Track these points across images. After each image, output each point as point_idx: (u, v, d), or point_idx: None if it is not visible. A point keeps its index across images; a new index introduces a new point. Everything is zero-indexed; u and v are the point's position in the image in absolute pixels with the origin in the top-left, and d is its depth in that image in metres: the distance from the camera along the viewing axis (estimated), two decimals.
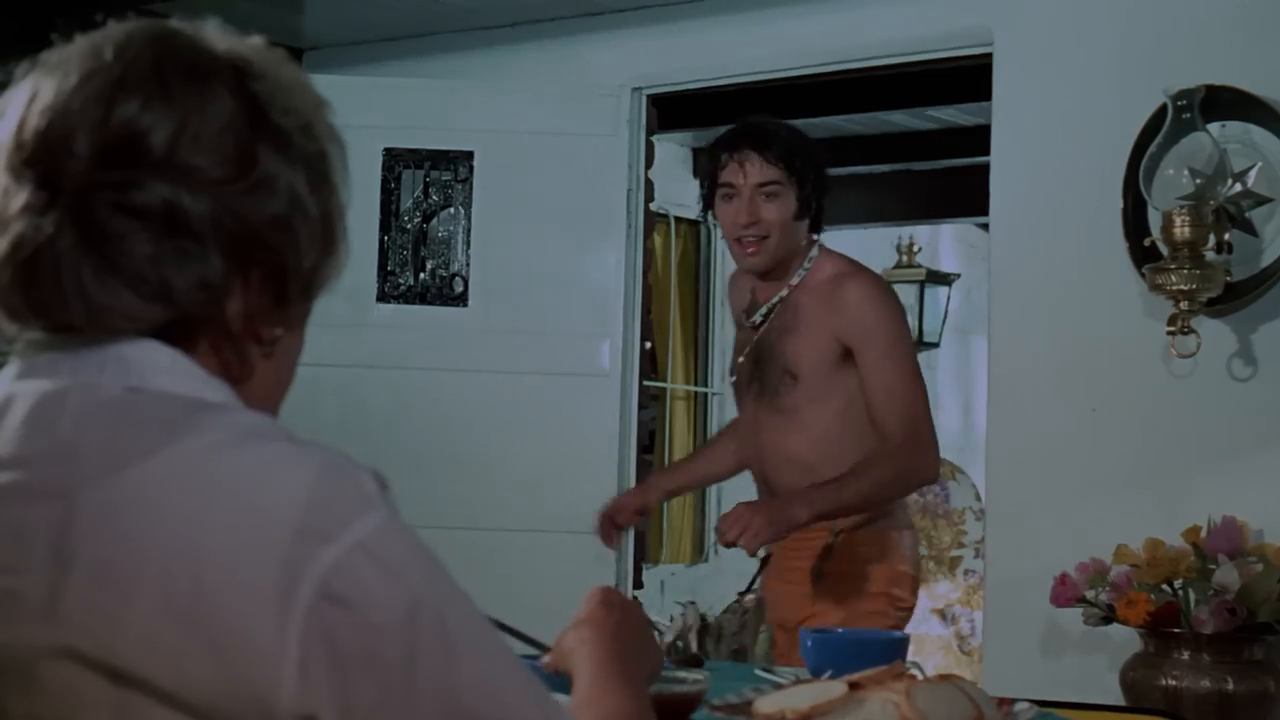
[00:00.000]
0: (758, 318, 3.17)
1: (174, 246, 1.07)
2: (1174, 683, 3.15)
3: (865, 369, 3.00)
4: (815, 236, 3.19)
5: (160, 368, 1.09)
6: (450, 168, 4.18)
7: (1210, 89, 3.36)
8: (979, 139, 4.09)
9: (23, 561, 1.02)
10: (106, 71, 1.09)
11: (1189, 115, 3.35)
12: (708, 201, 3.21)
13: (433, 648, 1.01)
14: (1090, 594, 3.25)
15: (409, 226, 4.19)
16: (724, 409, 6.19)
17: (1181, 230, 3.28)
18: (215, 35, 1.14)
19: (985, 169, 3.83)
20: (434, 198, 4.21)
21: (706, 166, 3.24)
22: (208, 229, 1.07)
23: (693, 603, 2.68)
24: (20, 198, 1.08)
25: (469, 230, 4.19)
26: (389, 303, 4.16)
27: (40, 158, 1.08)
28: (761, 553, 2.97)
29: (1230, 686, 3.13)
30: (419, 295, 4.19)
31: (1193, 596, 3.17)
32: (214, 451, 1.03)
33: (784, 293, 3.14)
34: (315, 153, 1.14)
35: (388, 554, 1.01)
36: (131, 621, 0.99)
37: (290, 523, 0.99)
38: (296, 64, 1.18)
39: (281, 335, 1.15)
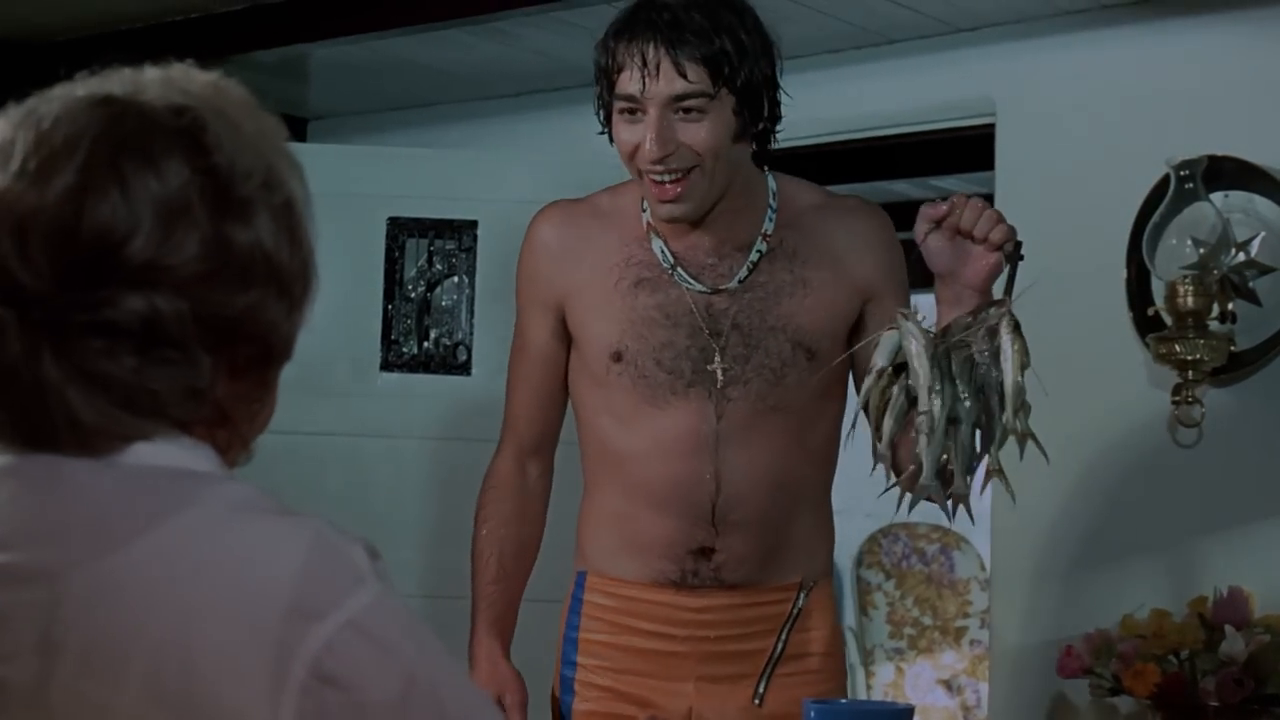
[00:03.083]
0: (738, 276, 2.28)
1: (158, 357, 1.03)
2: None
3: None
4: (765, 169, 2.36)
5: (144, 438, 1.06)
6: (454, 237, 4.18)
7: (1213, 159, 3.37)
8: None
9: (11, 649, 1.00)
10: (60, 167, 1.01)
11: (1191, 185, 3.35)
12: (605, 116, 2.29)
13: None
14: (1097, 665, 3.23)
15: (413, 295, 4.18)
16: None
17: (1185, 300, 3.28)
18: (156, 87, 1.07)
19: None
20: (438, 267, 4.20)
21: (598, 64, 2.24)
22: (189, 332, 1.03)
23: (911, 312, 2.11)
24: None
25: (473, 299, 4.19)
26: (392, 372, 4.14)
27: (2, 273, 1.02)
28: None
29: None
30: (422, 364, 4.17)
31: (1199, 668, 3.14)
32: (201, 530, 1.00)
33: (760, 243, 2.30)
34: (281, 203, 1.08)
35: (380, 631, 0.99)
36: (121, 710, 0.97)
37: (281, 602, 0.97)
38: (241, 91, 1.10)
39: (267, 393, 1.12)
